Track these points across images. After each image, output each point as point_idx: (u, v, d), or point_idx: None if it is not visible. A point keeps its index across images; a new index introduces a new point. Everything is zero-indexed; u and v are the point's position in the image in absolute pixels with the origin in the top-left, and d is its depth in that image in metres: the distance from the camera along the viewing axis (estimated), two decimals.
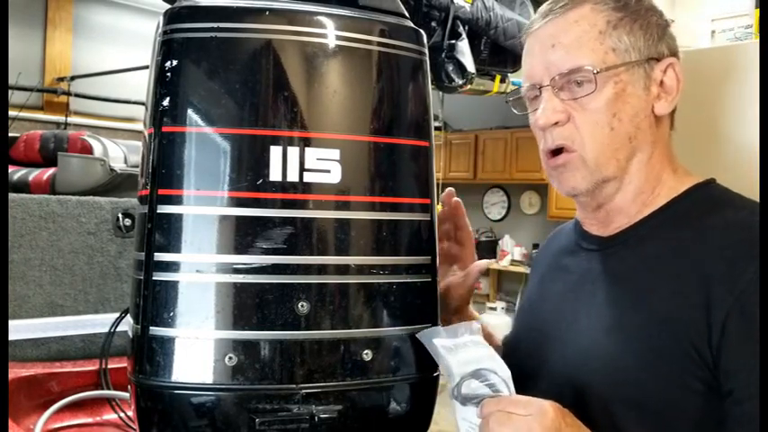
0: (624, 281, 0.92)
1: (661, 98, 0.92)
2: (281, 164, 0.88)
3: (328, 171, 0.90)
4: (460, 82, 2.80)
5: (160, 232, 0.88)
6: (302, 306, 0.87)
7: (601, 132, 0.90)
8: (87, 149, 2.11)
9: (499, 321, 6.35)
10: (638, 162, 0.92)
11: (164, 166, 0.89)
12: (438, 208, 1.07)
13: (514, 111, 1.01)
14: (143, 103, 0.97)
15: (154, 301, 0.87)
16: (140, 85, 1.01)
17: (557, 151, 0.93)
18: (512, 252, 6.78)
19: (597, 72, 0.88)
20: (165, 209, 0.88)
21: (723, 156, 1.00)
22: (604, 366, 0.87)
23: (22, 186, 2.06)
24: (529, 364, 0.97)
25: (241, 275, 0.86)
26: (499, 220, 7.22)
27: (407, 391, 0.95)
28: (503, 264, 6.67)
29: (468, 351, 0.87)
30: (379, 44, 0.96)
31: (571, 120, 0.91)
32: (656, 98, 0.92)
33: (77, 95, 5.51)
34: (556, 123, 0.91)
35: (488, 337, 1.08)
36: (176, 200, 0.88)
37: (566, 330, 0.95)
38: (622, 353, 0.86)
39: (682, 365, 0.81)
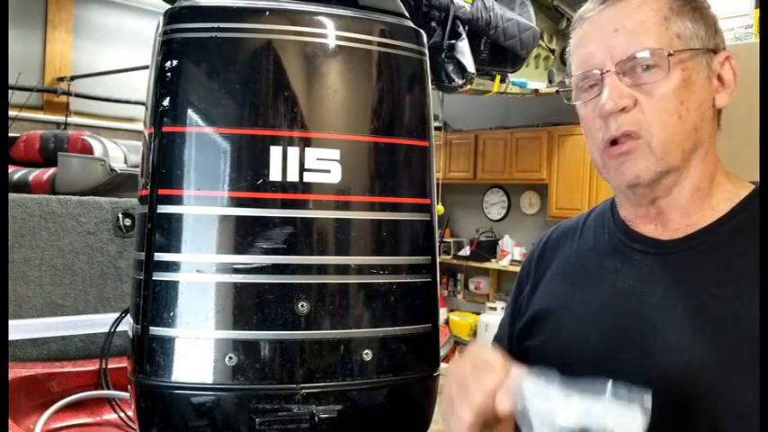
0: (714, 288, 0.85)
1: (720, 91, 0.89)
2: (281, 164, 0.88)
3: (328, 171, 0.90)
4: (460, 82, 2.79)
5: (160, 232, 0.88)
6: (302, 306, 0.87)
7: (669, 120, 0.86)
8: (87, 149, 2.11)
9: (499, 321, 6.35)
10: (697, 156, 0.89)
11: (164, 166, 0.89)
12: (438, 208, 1.06)
13: (565, 101, 0.96)
14: (143, 103, 0.97)
15: (154, 301, 0.87)
16: (140, 85, 1.01)
17: (615, 141, 0.88)
18: (512, 252, 6.77)
19: (670, 54, 0.84)
20: (165, 209, 0.88)
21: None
22: (711, 381, 0.81)
23: (22, 186, 2.06)
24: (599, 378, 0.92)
25: (241, 275, 0.86)
26: (499, 220, 7.21)
27: (407, 391, 0.95)
28: (503, 264, 6.67)
29: (592, 402, 0.70)
30: (380, 44, 0.96)
31: (638, 106, 0.86)
32: (716, 90, 0.89)
33: (77, 95, 5.50)
34: (623, 109, 0.86)
35: None
36: (176, 200, 0.88)
37: (647, 341, 0.87)
38: (732, 366, 0.80)
39: None
